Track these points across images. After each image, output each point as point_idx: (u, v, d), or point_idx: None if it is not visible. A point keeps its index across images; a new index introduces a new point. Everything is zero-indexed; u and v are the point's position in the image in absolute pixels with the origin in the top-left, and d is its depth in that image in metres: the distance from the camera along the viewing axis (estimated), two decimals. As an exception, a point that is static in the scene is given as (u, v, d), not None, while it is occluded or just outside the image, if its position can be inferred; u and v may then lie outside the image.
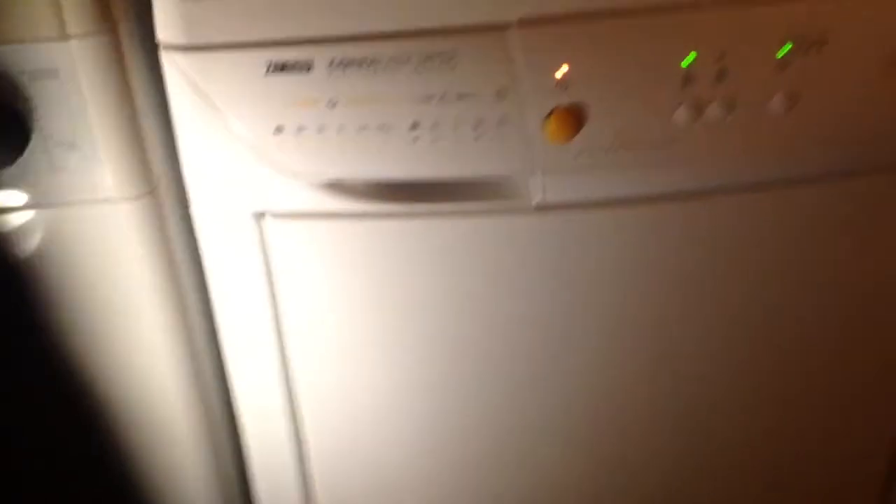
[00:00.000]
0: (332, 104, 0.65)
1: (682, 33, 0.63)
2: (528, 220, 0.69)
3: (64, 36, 0.61)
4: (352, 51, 0.63)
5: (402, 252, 0.71)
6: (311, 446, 0.83)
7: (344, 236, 0.71)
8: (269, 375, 0.78)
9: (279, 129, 0.65)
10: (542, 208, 0.69)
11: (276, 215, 0.70)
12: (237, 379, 0.80)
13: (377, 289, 0.73)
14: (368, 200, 0.69)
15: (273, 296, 0.74)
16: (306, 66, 0.64)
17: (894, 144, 0.69)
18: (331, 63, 0.64)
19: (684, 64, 0.63)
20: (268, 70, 0.64)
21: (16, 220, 0.70)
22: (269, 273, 0.72)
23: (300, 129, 0.65)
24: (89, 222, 0.69)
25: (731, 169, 0.68)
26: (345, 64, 0.64)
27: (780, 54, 0.64)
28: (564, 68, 0.64)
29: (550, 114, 0.65)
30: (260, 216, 0.70)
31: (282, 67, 0.64)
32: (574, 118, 0.65)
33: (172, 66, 0.64)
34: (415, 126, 0.65)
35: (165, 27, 0.64)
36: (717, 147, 0.66)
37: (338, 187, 0.68)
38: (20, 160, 0.65)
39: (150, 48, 0.65)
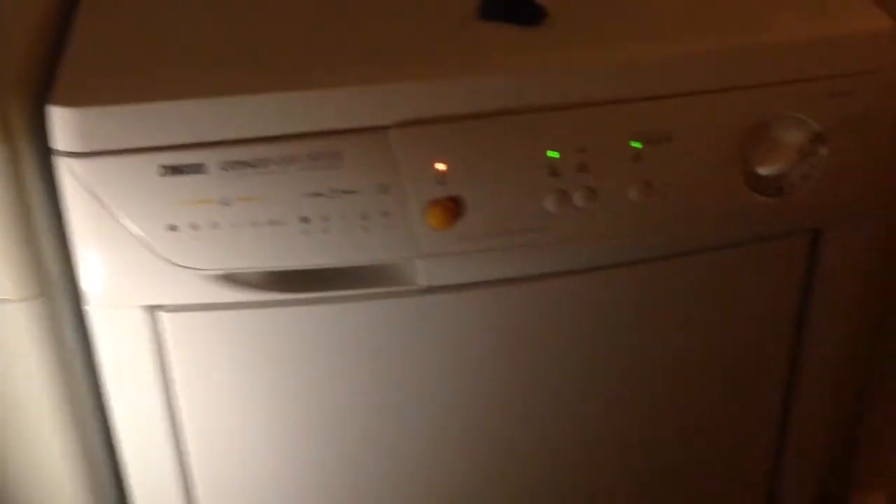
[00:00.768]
0: (225, 202, 0.68)
1: (546, 131, 0.70)
2: (416, 301, 0.74)
3: (-40, 147, 0.63)
4: (243, 153, 0.67)
5: (298, 337, 0.75)
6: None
7: (239, 325, 0.74)
8: (164, 469, 0.80)
9: (173, 228, 0.68)
10: (429, 290, 0.74)
11: (171, 308, 0.73)
12: (133, 473, 0.81)
13: (275, 373, 0.76)
14: (262, 290, 0.72)
15: (168, 387, 0.76)
16: (199, 168, 0.68)
17: (737, 225, 0.77)
18: (223, 165, 0.68)
19: (549, 157, 0.70)
20: (162, 173, 0.67)
21: None
22: (163, 365, 0.75)
23: (194, 226, 0.69)
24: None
25: (596, 250, 0.75)
26: (236, 165, 0.68)
27: (632, 147, 0.71)
28: (441, 165, 0.69)
29: (431, 205, 0.70)
30: (154, 310, 0.72)
31: (176, 170, 0.67)
32: (452, 209, 0.70)
33: (68, 172, 0.67)
34: (304, 220, 0.69)
35: (61, 135, 0.66)
36: (583, 231, 0.73)
37: (231, 279, 0.72)
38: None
39: (45, 154, 0.67)
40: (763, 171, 0.74)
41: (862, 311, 0.86)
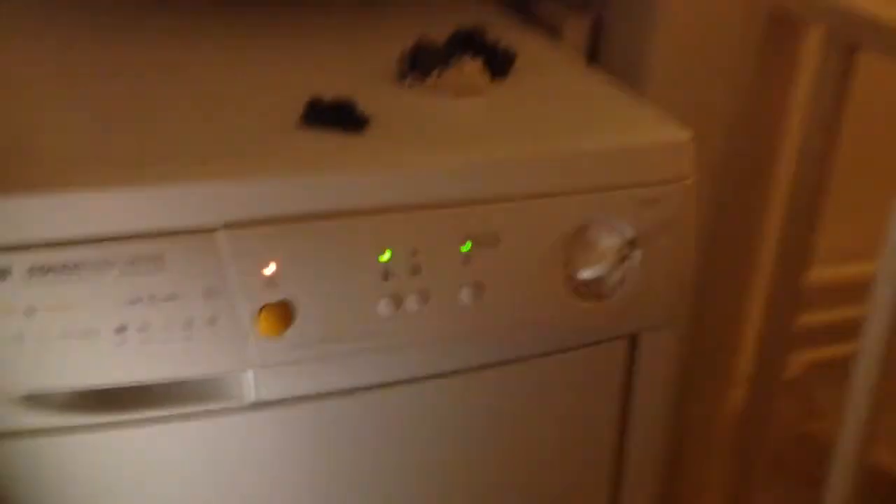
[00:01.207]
0: (31, 312, 0.62)
1: (377, 233, 0.69)
2: (244, 418, 0.69)
3: None
4: (52, 257, 0.62)
5: (110, 465, 0.67)
6: None
7: (42, 456, 0.66)
8: None
9: (-32, 342, 0.61)
10: (258, 406, 0.69)
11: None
12: None
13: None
14: (70, 413, 0.65)
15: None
16: (1, 274, 0.61)
17: (563, 329, 0.78)
18: (29, 270, 0.62)
19: (382, 259, 0.69)
20: (-44, 279, 0.60)
21: None
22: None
23: (-7, 340, 0.61)
24: None
25: (429, 357, 0.74)
26: (44, 270, 0.62)
27: (463, 250, 0.71)
28: (271, 267, 0.66)
29: (261, 310, 0.66)
30: (-58, 440, 0.64)
31: (-28, 276, 0.61)
32: (284, 313, 0.67)
33: None
34: (122, 329, 0.64)
35: None
36: (416, 336, 0.71)
37: (35, 401, 0.64)
38: None
39: None
40: (584, 274, 0.76)
41: (671, 400, 0.89)
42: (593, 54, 1.13)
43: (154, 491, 0.69)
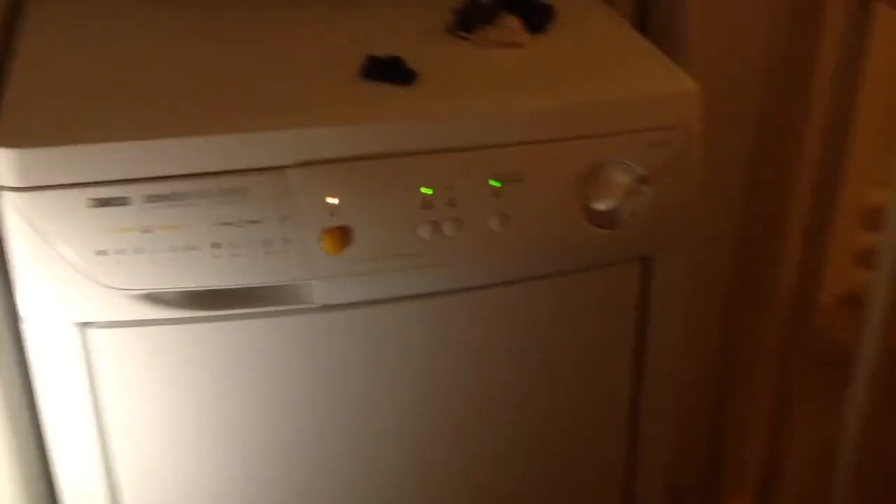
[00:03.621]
0: (147, 231, 0.80)
1: (419, 171, 0.84)
2: (313, 318, 0.87)
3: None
4: (162, 188, 0.80)
5: (210, 350, 0.86)
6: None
7: (158, 340, 0.85)
8: (91, 468, 0.90)
9: (102, 252, 0.80)
10: (324, 308, 0.86)
11: (99, 325, 0.83)
12: (62, 472, 0.90)
13: (190, 381, 0.87)
14: (180, 308, 0.84)
15: (96, 394, 0.86)
16: (124, 201, 0.79)
17: (580, 252, 0.92)
18: (145, 198, 0.80)
19: (423, 191, 0.84)
20: (92, 205, 0.79)
21: None
22: (91, 375, 0.85)
23: (120, 251, 0.80)
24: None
25: (465, 273, 0.89)
26: (157, 198, 0.80)
27: (492, 183, 0.86)
28: (333, 199, 0.83)
29: (324, 233, 0.83)
30: (84, 326, 0.83)
31: (104, 202, 0.79)
32: (343, 236, 0.84)
33: (9, 205, 0.78)
34: (216, 246, 0.82)
35: (4, 173, 0.77)
36: (453, 256, 0.87)
37: (153, 298, 0.83)
38: None
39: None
40: (599, 206, 0.90)
41: (685, 323, 1.02)
42: (641, 19, 1.24)
43: (239, 374, 0.88)
